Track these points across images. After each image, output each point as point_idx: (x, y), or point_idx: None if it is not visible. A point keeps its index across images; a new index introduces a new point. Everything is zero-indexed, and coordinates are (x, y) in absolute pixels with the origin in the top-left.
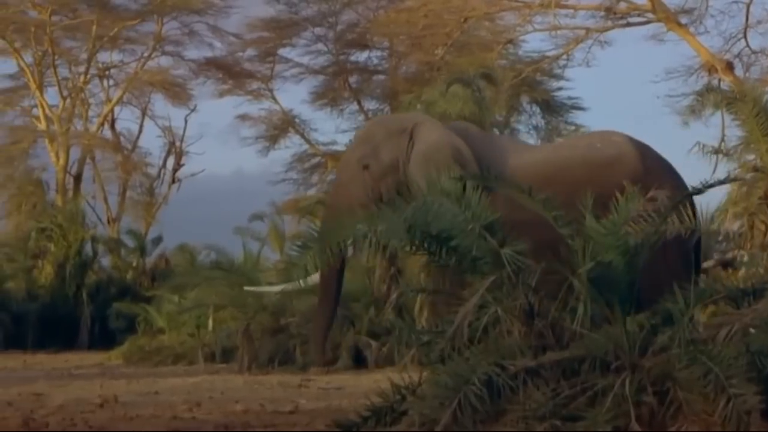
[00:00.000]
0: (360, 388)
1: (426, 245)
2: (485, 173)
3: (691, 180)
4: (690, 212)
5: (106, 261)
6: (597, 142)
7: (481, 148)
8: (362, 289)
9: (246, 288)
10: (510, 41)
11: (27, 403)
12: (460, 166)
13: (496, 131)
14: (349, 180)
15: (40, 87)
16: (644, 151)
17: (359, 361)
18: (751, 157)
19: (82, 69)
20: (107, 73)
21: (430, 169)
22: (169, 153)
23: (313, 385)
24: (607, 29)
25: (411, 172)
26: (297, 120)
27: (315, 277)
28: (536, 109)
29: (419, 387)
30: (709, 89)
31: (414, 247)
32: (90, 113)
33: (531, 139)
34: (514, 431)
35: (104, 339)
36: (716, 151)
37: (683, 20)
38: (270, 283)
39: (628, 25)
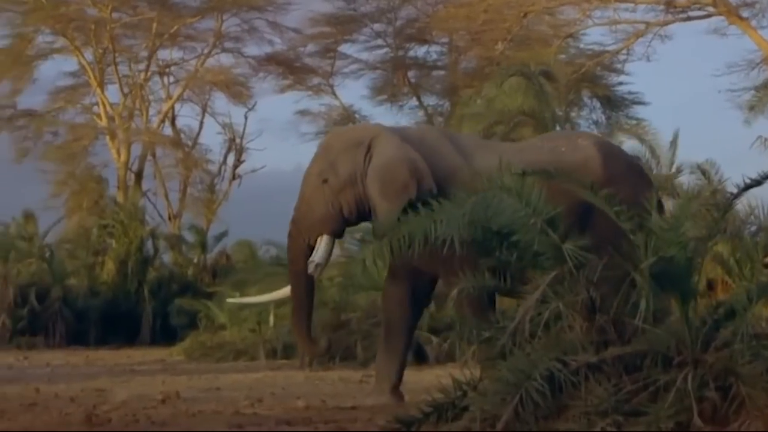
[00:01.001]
0: (421, 384)
1: (487, 241)
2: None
3: (753, 174)
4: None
5: (167, 257)
6: (562, 146)
7: (441, 151)
8: None
9: (229, 300)
10: (570, 35)
11: (89, 399)
12: (416, 180)
13: (557, 126)
14: (311, 195)
15: (101, 84)
16: (610, 155)
17: (420, 357)
18: None
19: (142, 66)
20: (167, 70)
21: (386, 185)
22: (229, 149)
23: (374, 381)
24: (667, 23)
25: (368, 187)
26: (357, 115)
27: (287, 290)
28: (596, 103)
29: (480, 383)
30: None
31: (475, 244)
32: (150, 110)
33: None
34: (576, 427)
35: (166, 335)
36: None
37: (744, 14)
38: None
39: (689, 18)
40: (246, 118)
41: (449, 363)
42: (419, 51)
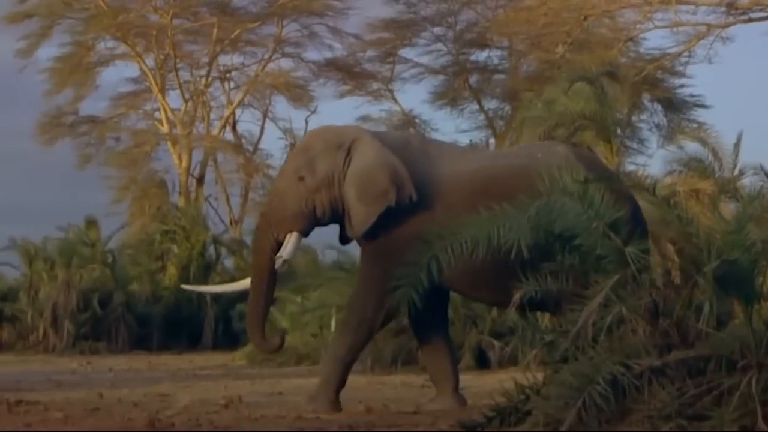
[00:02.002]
0: (483, 388)
1: (550, 245)
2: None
3: None
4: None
5: (229, 262)
6: (538, 152)
7: (417, 160)
8: None
9: (184, 286)
10: (630, 38)
11: (152, 403)
12: (396, 186)
13: (619, 130)
14: (284, 190)
15: (162, 90)
16: (587, 162)
17: (482, 362)
18: None
19: (203, 72)
20: (228, 75)
21: (365, 190)
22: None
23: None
24: (728, 25)
25: (346, 191)
26: (417, 120)
27: (246, 282)
28: (658, 106)
29: (543, 387)
30: None
31: (538, 247)
32: (211, 116)
33: (653, 137)
34: (640, 431)
35: (228, 340)
36: None
37: None
38: None
39: (750, 20)
40: (307, 122)
41: (512, 367)
42: (479, 55)
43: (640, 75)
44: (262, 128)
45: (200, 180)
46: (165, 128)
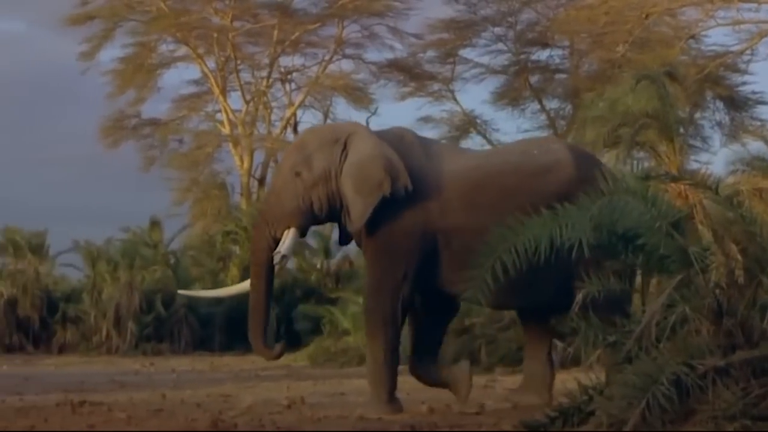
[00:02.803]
0: None
1: (613, 244)
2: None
3: None
4: None
5: (290, 263)
6: (534, 149)
7: (415, 156)
8: None
9: (180, 292)
10: (692, 36)
11: (215, 404)
12: (392, 178)
13: (681, 128)
14: (282, 187)
15: (224, 92)
16: (582, 159)
17: None
18: None
19: (264, 73)
20: (289, 77)
21: (361, 182)
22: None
23: (498, 386)
24: None
25: (342, 184)
26: (478, 120)
27: (244, 285)
28: (720, 104)
29: (606, 387)
30: None
31: (600, 247)
32: (273, 117)
33: (716, 135)
34: (704, 431)
35: (290, 341)
36: None
37: None
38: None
39: None
40: (367, 123)
41: (574, 367)
42: (540, 54)
43: (702, 73)
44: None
45: (261, 181)
46: (226, 130)
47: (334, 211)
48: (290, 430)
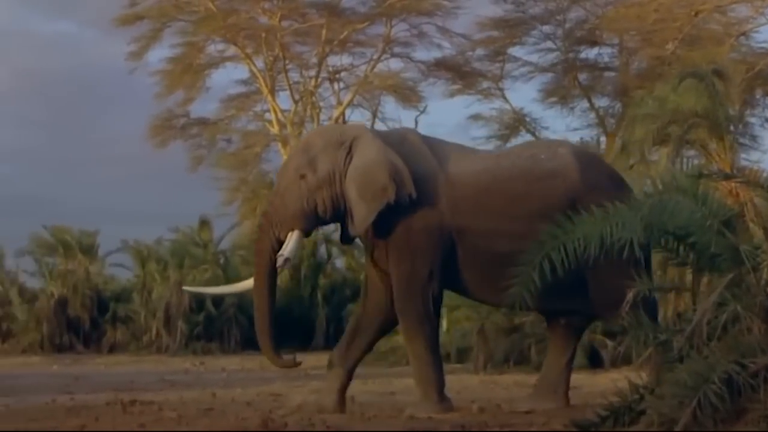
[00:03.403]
0: (596, 387)
1: (663, 243)
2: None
3: None
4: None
5: (339, 262)
6: (542, 153)
7: (419, 155)
8: None
9: (185, 288)
10: (742, 34)
11: (265, 403)
12: (396, 184)
13: (731, 126)
14: (286, 189)
15: (272, 92)
16: (588, 164)
17: (595, 361)
18: None
19: (312, 73)
20: (337, 76)
21: (365, 187)
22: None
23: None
24: None
25: (346, 188)
26: (528, 119)
27: (248, 282)
28: None
29: (657, 386)
30: None
31: (651, 245)
32: (321, 116)
33: (765, 134)
34: (755, 431)
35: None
36: None
37: None
38: None
39: None
40: (416, 122)
41: (624, 366)
42: (589, 53)
43: (752, 71)
44: (372, 128)
45: None
46: (275, 129)
47: (338, 213)
48: (340, 430)
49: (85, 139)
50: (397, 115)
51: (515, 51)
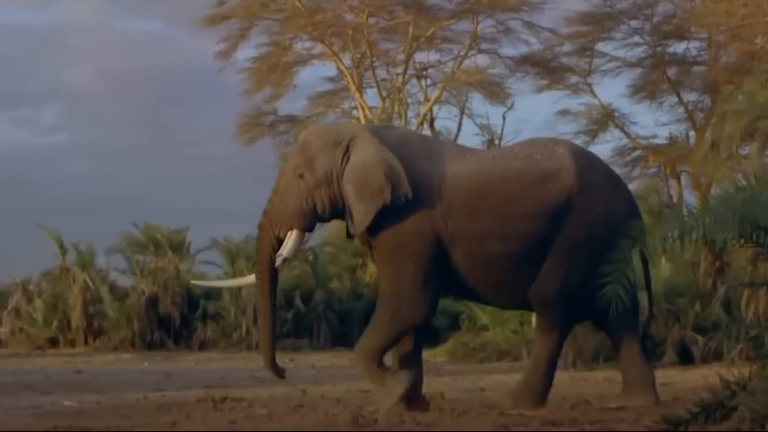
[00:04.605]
0: (687, 383)
1: (755, 237)
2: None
3: None
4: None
5: None
6: (538, 154)
7: (417, 158)
8: (687, 283)
9: (193, 282)
10: None
11: (355, 400)
12: (392, 185)
13: None
14: (285, 188)
15: (360, 89)
16: (585, 164)
17: (685, 357)
18: None
19: (399, 70)
20: (424, 73)
21: (362, 188)
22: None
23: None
24: None
25: (344, 188)
26: (616, 114)
27: (251, 278)
28: None
29: (749, 382)
30: None
31: (743, 240)
32: (409, 113)
33: None
34: None
35: (428, 337)
36: None
37: None
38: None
39: None
40: (504, 118)
41: (715, 362)
42: (678, 47)
43: None
44: (460, 124)
45: None
46: None
47: (338, 212)
48: (430, 426)
49: (174, 138)
50: (484, 111)
51: (603, 46)
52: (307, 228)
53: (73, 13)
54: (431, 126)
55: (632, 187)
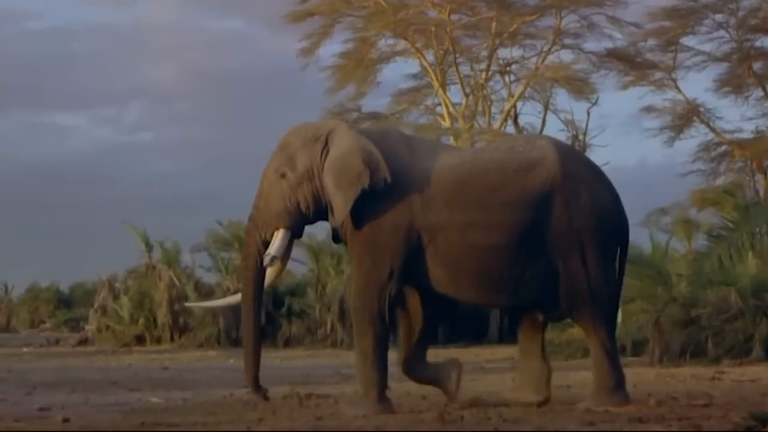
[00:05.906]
0: None
1: None
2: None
3: None
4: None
5: None
6: (519, 146)
7: (397, 151)
8: None
9: (186, 304)
10: None
11: (441, 397)
12: (370, 170)
13: None
14: (268, 190)
15: (443, 85)
16: (568, 155)
17: None
18: None
19: (483, 66)
20: (508, 69)
21: (340, 175)
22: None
23: (726, 378)
24: None
25: (324, 180)
26: (701, 109)
27: (237, 297)
28: None
29: None
30: None
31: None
32: (492, 109)
33: None
34: None
35: (513, 333)
36: None
37: None
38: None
39: None
40: (588, 114)
41: None
42: (764, 41)
43: None
44: (544, 120)
45: None
46: (447, 123)
47: (321, 209)
48: (517, 423)
49: (258, 135)
50: (568, 107)
51: (687, 40)
52: (293, 227)
53: (155, 12)
54: (515, 122)
55: (719, 182)
